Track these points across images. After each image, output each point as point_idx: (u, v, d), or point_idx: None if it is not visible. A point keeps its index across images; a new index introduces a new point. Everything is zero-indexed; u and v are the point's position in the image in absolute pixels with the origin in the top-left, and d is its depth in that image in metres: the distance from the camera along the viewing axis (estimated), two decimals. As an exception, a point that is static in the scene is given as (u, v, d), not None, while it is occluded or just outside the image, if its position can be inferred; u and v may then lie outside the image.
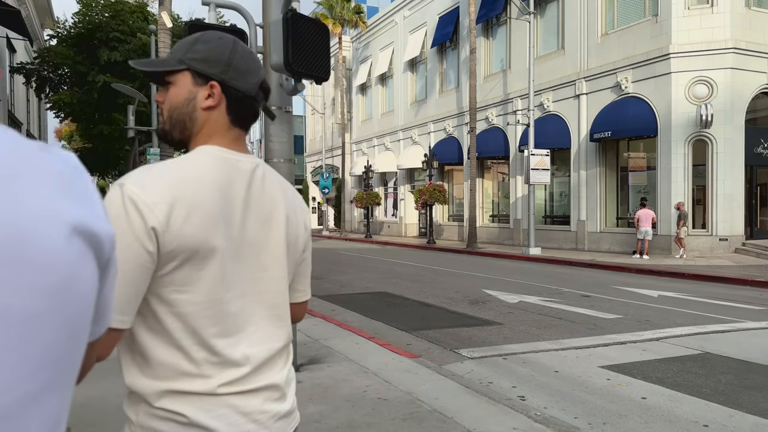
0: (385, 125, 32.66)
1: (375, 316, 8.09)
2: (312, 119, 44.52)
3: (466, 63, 25.57)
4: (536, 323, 7.53)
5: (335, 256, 18.85)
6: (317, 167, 42.35)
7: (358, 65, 35.43)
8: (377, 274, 13.51)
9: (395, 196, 32.22)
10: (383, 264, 15.99)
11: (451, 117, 26.55)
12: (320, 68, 4.33)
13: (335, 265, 15.70)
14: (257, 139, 61.17)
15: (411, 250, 22.46)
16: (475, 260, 17.53)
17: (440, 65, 27.84)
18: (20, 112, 20.28)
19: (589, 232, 19.83)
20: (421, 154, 28.65)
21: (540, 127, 20.06)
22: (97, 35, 15.74)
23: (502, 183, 24.72)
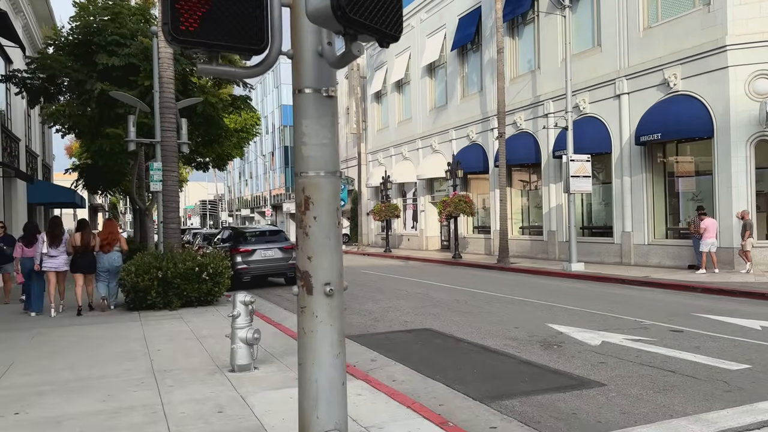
0: (402, 134, 30.88)
1: (430, 370, 6.22)
2: (325, 130, 42.90)
3: (490, 65, 23.76)
4: (649, 382, 5.62)
5: (358, 276, 17.00)
6: (331, 179, 40.66)
7: (373, 72, 33.75)
8: (411, 300, 11.63)
9: (415, 207, 30.38)
10: (413, 286, 14.11)
11: (475, 123, 24.70)
12: (388, 17, 2.53)
13: (361, 288, 13.85)
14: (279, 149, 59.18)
15: (437, 267, 20.56)
16: (513, 279, 15.59)
17: (461, 69, 26.05)
18: (18, 127, 18.74)
19: (636, 245, 17.84)
20: (443, 163, 26.80)
21: (576, 131, 18.14)
22: (95, 39, 14.09)
23: (532, 192, 22.78)
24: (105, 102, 14.21)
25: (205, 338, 7.85)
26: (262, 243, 14.57)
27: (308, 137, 2.97)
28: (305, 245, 2.96)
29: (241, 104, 16.52)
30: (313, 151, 2.97)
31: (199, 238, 21.58)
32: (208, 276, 10.55)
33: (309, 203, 2.95)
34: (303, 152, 2.98)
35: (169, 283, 10.28)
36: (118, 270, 10.64)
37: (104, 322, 9.46)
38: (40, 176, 22.35)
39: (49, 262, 10.19)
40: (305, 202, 2.96)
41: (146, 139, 13.37)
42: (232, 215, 68.18)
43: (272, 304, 11.66)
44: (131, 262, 10.55)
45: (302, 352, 3.07)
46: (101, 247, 10.66)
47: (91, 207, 49.51)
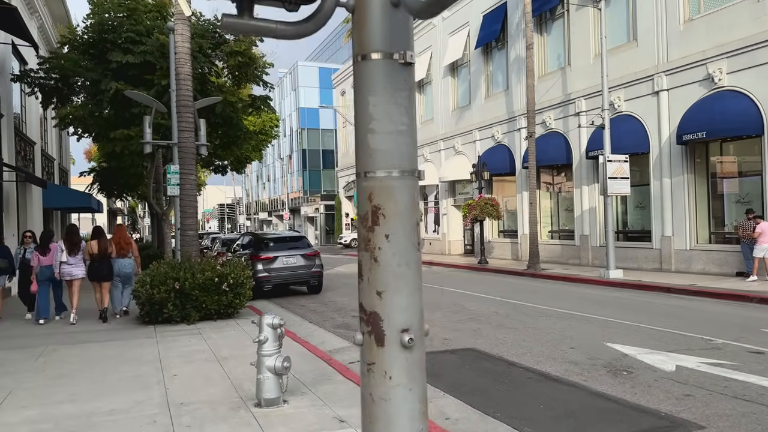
0: (423, 135, 29.95)
1: (487, 404, 5.30)
2: (344, 132, 42.11)
3: (516, 63, 22.77)
4: (757, 424, 4.64)
5: (383, 284, 16.13)
6: (351, 182, 39.84)
7: (393, 73, 32.87)
8: (446, 313, 10.71)
9: (436, 210, 29.44)
10: (443, 295, 13.18)
11: (500, 123, 23.70)
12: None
13: (388, 298, 12.99)
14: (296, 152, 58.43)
15: (463, 273, 19.60)
16: (548, 287, 14.58)
17: (486, 67, 25.07)
18: (33, 130, 18.16)
19: (677, 250, 16.71)
20: (466, 165, 25.86)
21: (612, 130, 17.07)
22: (109, 37, 13.41)
23: (562, 194, 21.71)
24: (120, 102, 13.52)
25: (225, 360, 7.01)
26: (284, 250, 13.75)
27: (377, 122, 2.08)
28: (373, 275, 2.08)
29: (261, 104, 15.75)
30: (384, 142, 2.08)
31: (218, 243, 20.87)
32: (229, 287, 9.74)
33: (378, 216, 2.06)
34: (369, 143, 2.08)
35: (186, 294, 9.49)
36: (130, 276, 10.60)
37: (117, 338, 8.67)
38: (56, 180, 21.81)
39: (68, 270, 10.18)
40: (373, 215, 2.07)
41: (163, 141, 12.64)
42: (250, 219, 67.76)
43: (296, 317, 10.82)
44: (146, 272, 9.78)
45: (369, 426, 2.18)
46: (115, 252, 10.61)
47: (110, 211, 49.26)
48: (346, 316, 10.70)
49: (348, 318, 10.50)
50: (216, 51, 14.55)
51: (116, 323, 10.04)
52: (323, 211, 49.74)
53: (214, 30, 14.31)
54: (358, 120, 2.16)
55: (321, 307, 12.13)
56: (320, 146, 55.81)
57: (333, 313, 11.14)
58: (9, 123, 14.55)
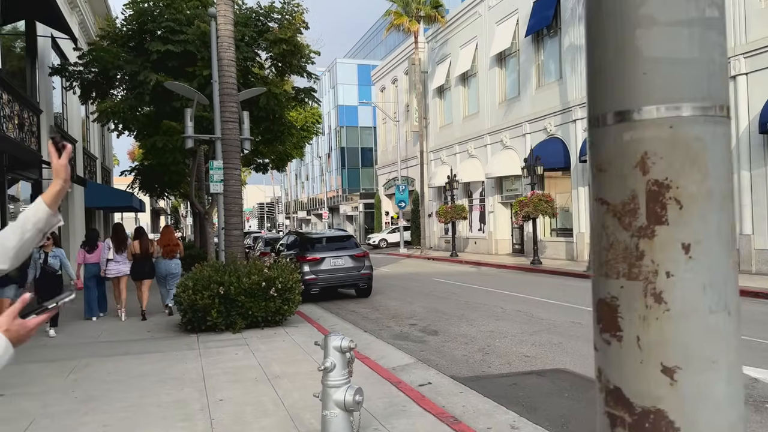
0: (468, 130, 28.67)
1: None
2: (383, 129, 41.10)
3: (571, 50, 21.29)
4: None
5: (432, 286, 15.00)
6: (390, 179, 38.81)
7: (435, 66, 31.68)
8: (515, 322, 9.52)
9: (482, 208, 28.09)
10: (506, 301, 11.98)
11: (554, 114, 22.25)
12: None
13: (445, 303, 11.84)
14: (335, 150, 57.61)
15: (517, 275, 18.29)
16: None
17: (536, 56, 23.63)
18: (74, 129, 17.73)
19: (758, 250, 15.07)
20: (515, 160, 24.47)
21: None
22: (149, 27, 12.69)
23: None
24: (160, 96, 12.79)
25: (278, 380, 6.03)
26: (332, 250, 12.78)
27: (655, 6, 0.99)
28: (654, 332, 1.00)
29: (305, 96, 14.81)
30: (675, 45, 0.99)
31: (261, 242, 20.12)
32: (277, 292, 8.80)
33: (663, 203, 0.99)
34: (640, 47, 1.00)
35: (232, 300, 8.59)
36: (177, 276, 10.77)
37: (157, 349, 7.82)
38: (99, 179, 21.47)
39: (116, 267, 10.45)
40: (650, 200, 0.99)
41: (205, 135, 11.82)
42: (289, 218, 67.54)
43: (349, 324, 9.81)
44: (188, 276, 8.93)
45: None
46: (164, 253, 10.80)
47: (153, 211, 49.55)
48: (402, 325, 9.63)
49: (405, 327, 9.43)
50: (259, 41, 13.69)
51: (156, 330, 9.23)
52: (362, 209, 48.88)
53: (257, 18, 13.47)
54: (602, 13, 1.06)
55: (373, 312, 11.10)
56: (359, 144, 54.96)
57: (388, 321, 10.09)
58: (49, 119, 14.02)
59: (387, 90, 39.54)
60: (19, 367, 6.98)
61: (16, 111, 11.42)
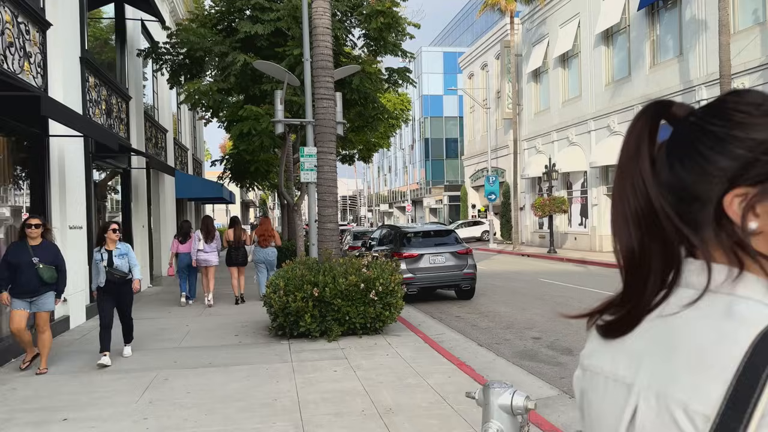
0: (568, 115, 26.27)
1: None
2: (470, 118, 39.14)
3: (693, 23, 18.58)
4: None
5: (541, 288, 13.24)
6: (478, 171, 36.88)
7: (530, 48, 29.38)
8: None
9: (583, 201, 25.65)
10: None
11: (673, 95, 19.57)
12: None
13: (562, 309, 10.12)
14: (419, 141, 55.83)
15: (635, 275, 16.04)
16: None
17: (651, 31, 20.96)
18: (165, 118, 17.44)
19: None
20: (624, 148, 21.94)
21: None
22: (238, 4, 11.80)
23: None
24: (249, 78, 11.89)
25: (391, 415, 4.70)
26: (430, 246, 11.36)
27: None
28: None
29: (399, 78, 13.46)
30: None
31: (349, 235, 19.08)
32: (377, 295, 7.52)
33: None
34: None
35: (327, 304, 7.41)
36: (273, 263, 11.22)
37: (245, 359, 6.75)
38: (190, 171, 21.32)
39: (204, 257, 10.85)
40: None
41: (296, 119, 10.78)
42: (371, 210, 67.00)
43: (457, 334, 8.37)
44: (279, 274, 7.85)
45: None
46: (259, 242, 11.14)
47: (243, 203, 50.49)
48: (524, 338, 8.05)
49: (528, 341, 7.84)
50: (351, 17, 12.50)
51: (245, 334, 8.23)
52: (446, 202, 47.19)
53: (350, -10, 12.27)
54: None
55: (482, 320, 9.58)
56: (443, 135, 53.21)
57: (503, 331, 8.55)
58: (138, 107, 13.57)
59: (476, 77, 37.54)
60: (89, 376, 6.13)
61: (104, 96, 10.88)
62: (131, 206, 12.77)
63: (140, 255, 13.26)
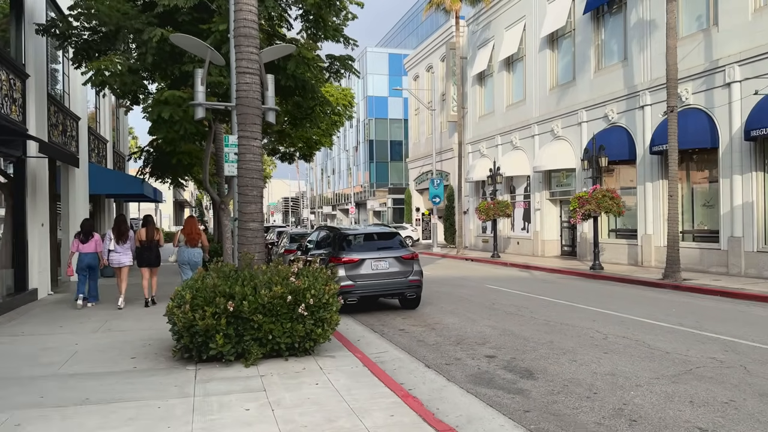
0: (512, 119, 25.80)
1: None
2: (416, 120, 38.34)
3: (638, 27, 18.35)
4: None
5: (490, 295, 12.30)
6: (422, 174, 36.09)
7: (476, 51, 28.81)
8: (634, 359, 6.78)
9: (526, 205, 25.21)
10: (595, 320, 9.22)
11: (616, 100, 19.31)
12: None
13: (513, 320, 9.13)
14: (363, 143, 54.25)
15: (579, 282, 15.48)
16: (726, 308, 10.31)
17: (596, 36, 20.67)
18: (77, 104, 15.37)
19: (747, 252, 12.48)
20: (568, 151, 21.61)
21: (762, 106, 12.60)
22: (155, -27, 10.20)
23: (698, 185, 17.13)
24: (167, 56, 10.30)
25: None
26: (373, 250, 10.13)
27: None
28: None
29: (341, 67, 12.20)
30: None
31: (285, 238, 17.57)
32: (308, 309, 6.22)
33: None
34: None
35: (245, 320, 6.04)
36: (199, 264, 10.65)
37: (135, 393, 5.28)
38: (110, 165, 19.17)
39: (117, 258, 10.46)
40: None
41: (219, 103, 9.32)
42: (314, 213, 65.24)
43: (402, 353, 7.17)
44: (185, 284, 6.41)
45: None
46: (187, 242, 10.70)
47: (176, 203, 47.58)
48: (477, 357, 6.93)
49: (482, 361, 6.74)
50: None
51: (144, 356, 6.72)
52: (391, 205, 46.23)
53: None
54: None
55: (429, 333, 8.43)
56: (388, 137, 52.24)
57: (454, 348, 7.42)
58: (39, 88, 11.64)
59: (421, 78, 36.76)
60: None
61: (-12, 70, 9.03)
62: (26, 201, 10.84)
63: (38, 257, 11.34)
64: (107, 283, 13.58)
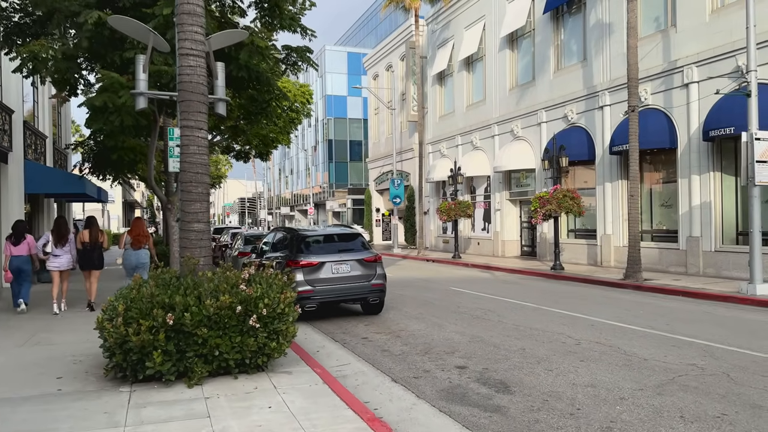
0: (472, 119, 25.55)
1: None
2: (375, 119, 37.78)
3: (597, 28, 18.32)
4: None
5: (455, 298, 11.82)
6: (383, 174, 35.55)
7: (435, 50, 28.47)
8: (613, 367, 6.37)
9: (486, 205, 25.00)
10: (564, 324, 8.84)
11: (576, 100, 19.24)
12: None
13: (481, 325, 8.65)
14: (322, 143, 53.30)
15: (541, 282, 15.22)
16: (688, 309, 10.14)
17: (555, 36, 20.59)
18: (11, 96, 14.09)
19: (705, 252, 12.80)
20: (527, 152, 21.48)
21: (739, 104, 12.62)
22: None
23: (657, 185, 17.19)
24: (106, 41, 9.35)
25: None
26: (333, 253, 9.45)
27: None
28: None
29: (298, 59, 11.44)
30: None
31: (240, 240, 16.62)
32: (260, 320, 5.51)
33: None
34: None
35: (188, 335, 5.28)
36: (147, 265, 10.38)
37: (54, 425, 4.47)
38: (49, 162, 17.76)
39: (55, 262, 9.96)
40: None
41: (163, 93, 8.47)
42: (272, 213, 63.78)
43: (365, 365, 6.54)
44: (119, 293, 5.60)
45: None
46: (133, 244, 10.30)
47: (126, 203, 45.39)
48: (446, 368, 6.37)
49: (452, 372, 6.17)
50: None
51: (73, 375, 5.86)
52: (350, 205, 45.50)
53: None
54: None
55: (395, 342, 7.82)
56: (347, 137, 51.47)
57: (422, 358, 6.83)
58: None
59: (381, 77, 36.22)
60: None
61: None
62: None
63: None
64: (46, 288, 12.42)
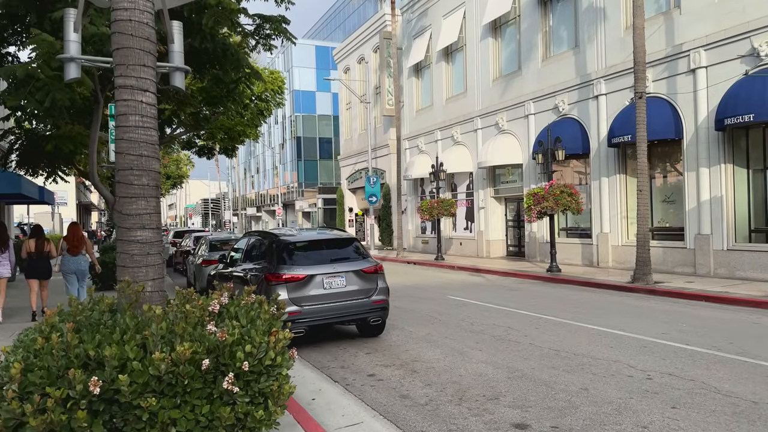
0: (453, 113, 23.93)
1: None
2: (347, 115, 35.80)
3: (590, 12, 16.94)
4: None
5: (461, 311, 10.07)
6: (355, 172, 33.63)
7: (411, 41, 26.74)
8: (706, 413, 4.70)
9: (469, 204, 23.42)
10: (599, 343, 7.18)
11: (568, 90, 17.81)
12: None
13: (510, 348, 6.92)
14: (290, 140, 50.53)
15: (539, 287, 13.66)
16: (726, 318, 8.67)
17: (543, 22, 19.12)
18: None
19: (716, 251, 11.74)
20: (514, 146, 19.98)
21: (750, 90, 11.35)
22: None
23: (659, 180, 15.87)
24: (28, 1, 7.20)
25: None
26: (324, 263, 7.51)
27: None
28: None
29: (273, 30, 9.47)
30: None
31: (205, 245, 14.29)
32: (239, 378, 3.58)
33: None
34: None
35: (126, 406, 3.31)
36: (86, 272, 10.15)
37: None
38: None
39: None
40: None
41: (102, 59, 6.38)
42: (237, 215, 60.90)
43: (380, 420, 4.68)
44: (18, 340, 3.58)
45: None
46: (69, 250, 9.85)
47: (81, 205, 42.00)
48: (500, 427, 4.57)
49: None
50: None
51: None
52: (321, 205, 43.35)
53: None
54: None
55: (411, 379, 5.97)
56: (317, 134, 49.24)
57: (458, 409, 5.01)
58: None
59: (352, 70, 34.27)
60: None
61: None
62: None
63: None
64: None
